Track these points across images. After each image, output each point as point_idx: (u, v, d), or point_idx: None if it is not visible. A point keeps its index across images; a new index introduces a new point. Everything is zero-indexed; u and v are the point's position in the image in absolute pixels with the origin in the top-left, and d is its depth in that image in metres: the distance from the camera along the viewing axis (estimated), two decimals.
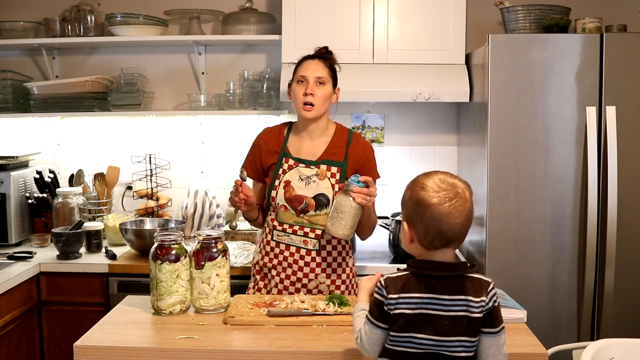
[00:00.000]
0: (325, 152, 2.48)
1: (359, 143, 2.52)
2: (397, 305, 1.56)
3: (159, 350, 1.86)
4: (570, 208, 2.78)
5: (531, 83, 2.76)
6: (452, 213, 1.54)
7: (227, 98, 3.39)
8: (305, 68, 2.44)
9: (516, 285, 2.75)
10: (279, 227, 2.46)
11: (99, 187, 3.46)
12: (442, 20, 3.11)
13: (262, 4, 3.51)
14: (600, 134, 2.74)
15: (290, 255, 2.45)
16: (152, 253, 2.11)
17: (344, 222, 2.29)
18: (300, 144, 2.50)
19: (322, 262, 2.46)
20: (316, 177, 2.43)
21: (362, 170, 2.47)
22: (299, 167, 2.45)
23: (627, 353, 1.96)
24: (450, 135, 3.52)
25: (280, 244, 2.47)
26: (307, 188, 2.43)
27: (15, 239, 3.19)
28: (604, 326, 2.78)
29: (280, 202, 2.45)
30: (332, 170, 2.45)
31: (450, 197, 1.55)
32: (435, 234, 1.55)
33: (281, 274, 2.47)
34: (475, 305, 1.55)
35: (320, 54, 2.50)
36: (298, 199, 2.42)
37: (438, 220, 1.54)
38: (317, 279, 2.46)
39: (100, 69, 3.53)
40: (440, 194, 1.55)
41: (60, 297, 2.94)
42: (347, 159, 2.47)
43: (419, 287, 1.56)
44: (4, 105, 3.38)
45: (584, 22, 2.94)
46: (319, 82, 2.42)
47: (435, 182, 1.58)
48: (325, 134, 2.51)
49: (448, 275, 1.57)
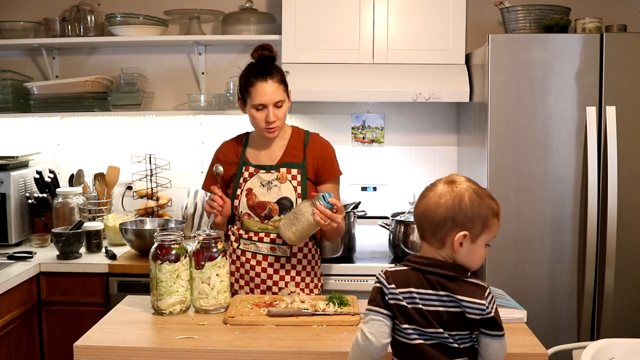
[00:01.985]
0: (284, 155, 2.45)
1: (316, 142, 2.49)
2: (398, 296, 1.57)
3: (159, 350, 1.86)
4: (570, 208, 2.78)
5: (531, 83, 2.76)
6: (424, 201, 1.61)
7: (227, 98, 3.39)
8: (261, 94, 2.33)
9: (516, 285, 2.75)
10: (245, 236, 2.44)
11: (99, 187, 3.46)
12: (442, 20, 3.11)
13: (262, 4, 3.51)
14: (600, 134, 2.74)
15: (258, 264, 2.43)
16: (152, 253, 2.11)
17: (295, 229, 2.26)
18: (259, 151, 2.48)
19: (291, 270, 2.44)
20: (277, 181, 2.41)
21: (322, 169, 2.45)
22: (259, 173, 2.43)
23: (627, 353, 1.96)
24: (450, 135, 3.51)
25: (247, 252, 2.44)
26: (270, 193, 2.41)
27: (15, 239, 3.19)
28: (604, 326, 2.78)
29: (243, 211, 2.43)
30: (292, 173, 2.42)
31: (438, 186, 1.62)
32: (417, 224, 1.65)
33: (250, 283, 2.44)
34: (473, 306, 1.54)
35: (267, 70, 2.36)
36: (261, 205, 2.41)
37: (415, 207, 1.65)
38: (287, 288, 2.44)
39: (100, 69, 3.53)
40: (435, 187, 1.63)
41: (60, 297, 2.94)
42: (306, 159, 2.44)
43: (416, 282, 1.58)
44: (4, 105, 3.38)
45: (584, 22, 2.95)
46: (277, 106, 2.36)
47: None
48: (282, 138, 2.47)
49: (444, 274, 1.57)
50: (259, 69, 2.38)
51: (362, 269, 2.90)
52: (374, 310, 1.60)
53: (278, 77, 2.38)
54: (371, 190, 3.51)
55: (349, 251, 3.05)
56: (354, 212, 3.07)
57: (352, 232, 3.06)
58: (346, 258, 3.02)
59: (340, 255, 3.01)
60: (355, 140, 3.53)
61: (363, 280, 2.90)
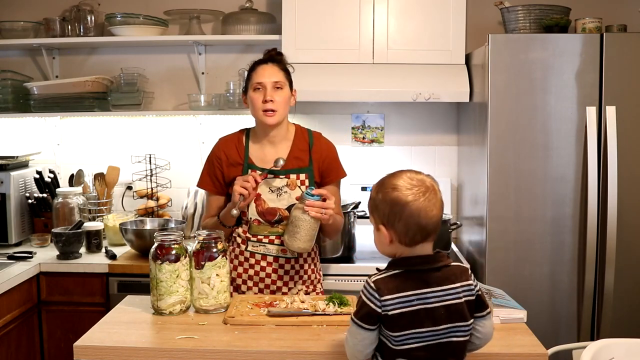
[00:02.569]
0: (290, 157, 2.42)
1: (321, 144, 2.48)
2: (395, 305, 1.57)
3: (159, 350, 1.86)
4: (570, 208, 2.78)
5: (531, 83, 2.76)
6: (428, 207, 1.59)
7: (227, 98, 3.39)
8: (260, 74, 2.37)
9: (516, 285, 2.75)
10: (254, 239, 2.43)
11: (99, 187, 3.46)
12: (442, 20, 3.11)
13: (262, 4, 3.51)
14: (600, 134, 2.74)
15: (268, 265, 2.42)
16: (152, 253, 2.11)
17: (300, 235, 2.26)
18: (263, 152, 2.44)
19: (299, 270, 2.45)
20: (287, 188, 2.39)
21: (327, 171, 2.45)
22: (268, 178, 2.39)
23: (627, 353, 1.96)
24: (450, 135, 3.52)
25: (256, 254, 2.43)
26: (279, 200, 2.39)
27: (15, 239, 3.19)
28: (604, 326, 2.77)
29: (253, 217, 2.40)
30: (301, 178, 2.41)
31: (423, 192, 1.60)
32: (416, 229, 1.59)
33: (259, 284, 2.43)
34: (466, 289, 1.62)
35: (271, 57, 2.43)
36: (271, 211, 2.39)
37: (417, 216, 1.59)
38: (296, 287, 2.44)
39: (100, 69, 3.53)
40: (412, 190, 1.60)
41: (60, 297, 2.94)
42: (312, 163, 2.43)
43: (412, 284, 1.59)
44: (4, 105, 3.38)
45: (584, 22, 2.94)
46: (276, 87, 2.36)
47: (406, 181, 1.62)
48: (286, 138, 2.46)
49: (437, 267, 1.61)
50: (264, 58, 2.44)
51: (362, 269, 2.90)
52: (360, 326, 1.61)
53: (281, 65, 2.42)
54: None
55: (349, 251, 3.05)
56: (354, 212, 3.07)
57: (352, 232, 3.06)
58: (346, 258, 3.02)
59: (340, 255, 3.01)
60: (355, 140, 3.53)
61: (363, 280, 2.89)
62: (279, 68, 2.40)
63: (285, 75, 2.41)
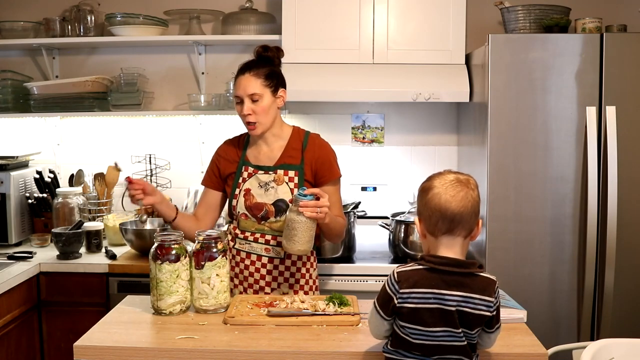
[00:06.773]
0: (282, 156, 2.44)
1: (314, 144, 2.47)
2: (408, 299, 1.61)
3: (159, 350, 1.86)
4: (570, 208, 2.78)
5: (531, 83, 2.76)
6: (453, 194, 1.63)
7: (227, 98, 3.39)
8: (237, 86, 2.37)
9: (516, 285, 2.75)
10: (241, 235, 2.45)
11: (98, 187, 3.46)
12: (442, 20, 3.11)
13: (262, 4, 3.51)
14: (600, 134, 2.74)
15: (252, 263, 2.43)
16: (152, 253, 2.11)
17: (298, 237, 2.22)
18: (258, 151, 2.47)
19: (285, 272, 2.43)
20: (274, 183, 2.40)
21: (320, 171, 2.43)
22: (258, 174, 2.42)
23: (627, 353, 1.96)
24: (450, 135, 3.52)
25: (241, 252, 2.45)
26: (267, 195, 2.41)
27: (15, 239, 3.19)
28: (604, 326, 2.78)
29: (240, 211, 2.43)
30: (289, 175, 2.41)
31: (452, 183, 1.65)
32: (437, 214, 1.62)
33: (243, 282, 2.45)
34: (485, 304, 1.62)
35: (247, 66, 2.39)
36: (258, 206, 2.41)
37: (438, 198, 1.63)
38: (279, 289, 2.43)
39: (100, 69, 3.53)
40: (442, 181, 1.66)
41: (60, 297, 2.94)
42: (304, 161, 2.43)
43: (430, 282, 1.61)
44: (4, 105, 3.38)
45: (584, 22, 2.95)
46: (252, 100, 2.35)
47: (441, 175, 1.69)
48: (280, 137, 2.46)
49: (461, 272, 1.62)
50: (244, 64, 2.42)
51: (362, 269, 2.90)
52: (379, 314, 1.67)
53: (259, 72, 2.37)
54: (371, 190, 3.52)
55: (349, 251, 3.06)
56: (354, 212, 3.07)
57: (352, 232, 3.06)
58: (346, 258, 3.03)
59: (340, 255, 3.01)
60: (355, 140, 3.53)
61: (363, 280, 2.90)
62: (255, 77, 2.36)
63: (264, 83, 2.36)
